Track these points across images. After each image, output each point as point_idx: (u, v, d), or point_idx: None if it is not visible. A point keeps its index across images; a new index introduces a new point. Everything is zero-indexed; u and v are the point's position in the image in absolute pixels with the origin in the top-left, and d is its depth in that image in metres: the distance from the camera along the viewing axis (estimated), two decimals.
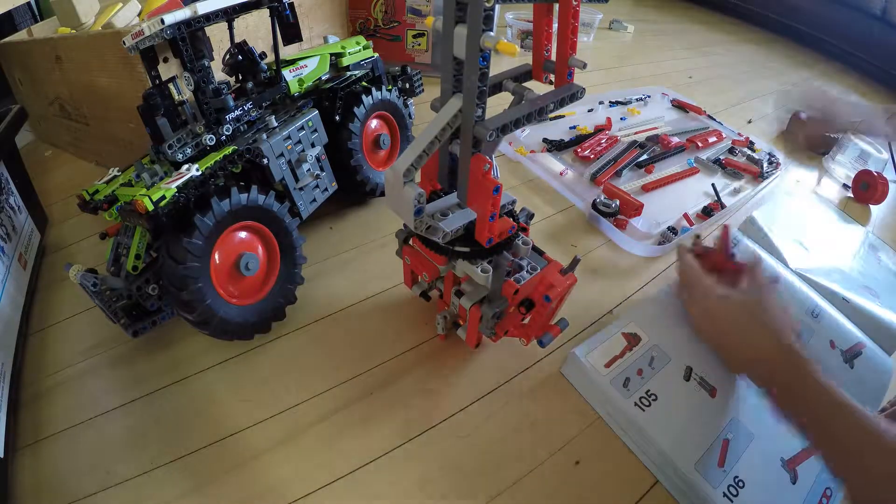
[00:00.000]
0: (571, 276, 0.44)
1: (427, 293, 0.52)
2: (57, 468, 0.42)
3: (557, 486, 0.43)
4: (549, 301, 0.42)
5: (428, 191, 0.42)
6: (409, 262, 0.48)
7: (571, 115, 0.94)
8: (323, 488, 0.41)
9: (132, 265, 0.46)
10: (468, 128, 0.36)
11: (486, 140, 0.35)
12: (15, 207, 0.58)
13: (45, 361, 0.50)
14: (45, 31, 0.79)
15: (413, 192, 0.36)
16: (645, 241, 0.67)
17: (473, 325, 0.45)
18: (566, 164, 0.81)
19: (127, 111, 0.62)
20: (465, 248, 0.40)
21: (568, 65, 0.38)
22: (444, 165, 0.42)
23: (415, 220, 0.38)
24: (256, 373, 0.49)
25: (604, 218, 0.70)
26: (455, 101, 0.35)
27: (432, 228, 0.39)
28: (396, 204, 0.38)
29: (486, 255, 0.41)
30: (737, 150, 0.91)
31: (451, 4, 0.32)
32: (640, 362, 0.48)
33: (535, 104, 0.38)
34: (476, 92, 0.34)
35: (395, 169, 0.36)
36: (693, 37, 1.59)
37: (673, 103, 1.05)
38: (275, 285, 0.51)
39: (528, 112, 0.37)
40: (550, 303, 0.42)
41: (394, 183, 0.37)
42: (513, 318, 0.45)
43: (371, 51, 0.69)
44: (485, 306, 0.43)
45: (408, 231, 0.47)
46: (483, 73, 0.33)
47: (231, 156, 0.48)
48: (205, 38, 0.48)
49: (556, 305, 0.45)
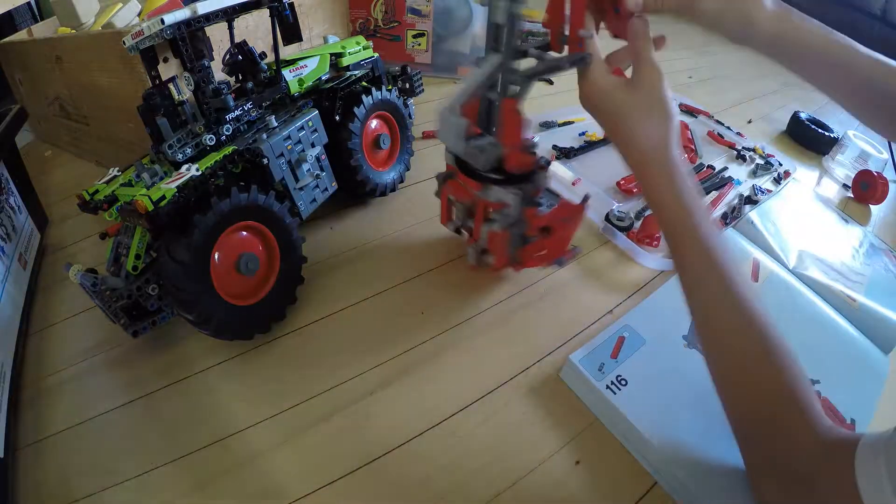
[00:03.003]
0: (581, 204, 0.52)
1: (460, 229, 0.59)
2: (57, 468, 0.42)
3: (557, 486, 0.43)
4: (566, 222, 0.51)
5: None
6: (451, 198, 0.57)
7: (581, 121, 0.93)
8: (323, 488, 0.41)
9: (132, 265, 0.46)
10: (504, 76, 0.46)
11: (518, 85, 0.46)
12: (15, 207, 0.58)
13: (45, 361, 0.50)
14: (45, 31, 0.79)
15: (462, 122, 0.46)
16: (658, 254, 0.65)
17: (502, 247, 0.53)
18: (577, 174, 0.78)
19: (127, 111, 0.62)
20: (498, 176, 0.49)
21: (578, 36, 0.46)
22: (483, 112, 0.51)
23: (462, 147, 0.47)
24: (256, 373, 0.49)
25: (618, 231, 0.67)
26: (493, 56, 0.46)
27: (475, 156, 0.48)
28: (447, 135, 0.48)
29: (515, 182, 0.49)
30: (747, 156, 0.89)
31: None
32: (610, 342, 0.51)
33: (553, 62, 0.46)
34: (511, 49, 0.44)
35: (448, 105, 0.47)
36: (693, 37, 1.59)
37: (681, 108, 1.04)
38: (275, 285, 0.51)
39: (547, 67, 0.46)
40: (566, 224, 0.51)
41: (446, 117, 0.47)
42: (534, 247, 0.53)
43: (371, 51, 0.69)
44: (512, 228, 0.51)
45: (446, 173, 0.56)
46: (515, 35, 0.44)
47: (231, 156, 0.48)
48: (205, 38, 0.48)
49: (570, 232, 0.54)
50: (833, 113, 1.24)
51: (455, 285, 0.59)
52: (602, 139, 0.88)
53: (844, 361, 0.55)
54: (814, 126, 1.03)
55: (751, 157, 0.89)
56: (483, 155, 0.47)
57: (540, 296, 0.59)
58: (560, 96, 1.05)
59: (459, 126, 0.46)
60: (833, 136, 1.01)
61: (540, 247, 0.53)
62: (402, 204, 0.70)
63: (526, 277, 0.61)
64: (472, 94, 0.47)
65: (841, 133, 1.01)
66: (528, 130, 0.48)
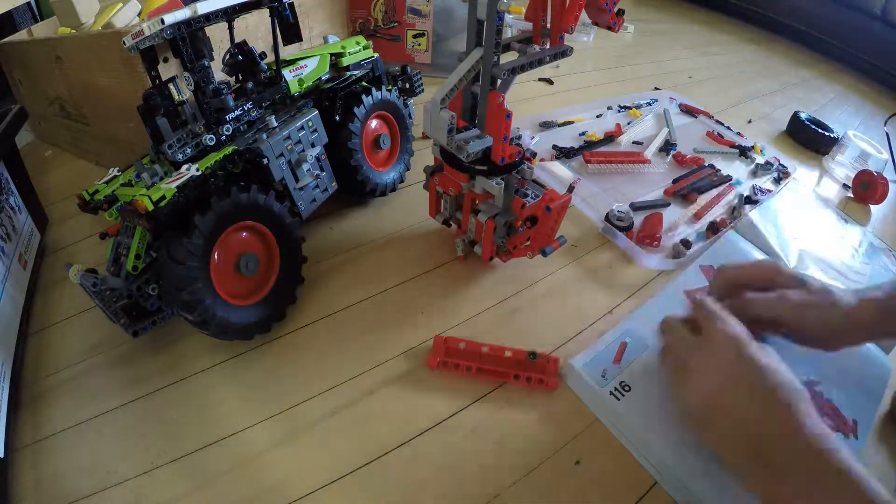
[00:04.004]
0: (567, 194, 0.53)
1: (448, 220, 0.61)
2: (57, 468, 0.42)
3: (557, 486, 0.43)
4: (550, 211, 0.51)
5: None
6: (439, 191, 0.59)
7: (581, 120, 0.93)
8: (323, 488, 0.41)
9: (132, 265, 0.46)
10: (487, 70, 0.48)
11: (501, 78, 0.48)
12: (15, 207, 0.58)
13: (45, 361, 0.50)
14: (45, 31, 0.79)
15: (447, 115, 0.47)
16: (659, 255, 0.65)
17: (488, 236, 0.54)
18: (577, 174, 0.79)
19: (127, 111, 0.62)
20: (484, 167, 0.51)
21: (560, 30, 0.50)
22: (467, 105, 0.53)
23: (447, 139, 0.48)
24: (256, 373, 0.49)
25: (618, 231, 0.67)
26: (476, 51, 0.47)
27: (460, 148, 0.49)
28: (433, 128, 0.49)
29: (500, 172, 0.51)
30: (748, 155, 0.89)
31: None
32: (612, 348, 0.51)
33: (535, 55, 0.49)
34: (493, 43, 0.46)
35: (433, 99, 0.48)
36: (693, 37, 1.59)
37: (681, 108, 1.04)
38: (275, 285, 0.51)
39: (531, 60, 0.49)
40: (551, 213, 0.52)
41: (432, 111, 0.48)
42: (520, 237, 0.54)
43: (371, 51, 0.68)
44: (498, 217, 0.52)
45: (434, 166, 0.57)
46: (498, 29, 0.45)
47: (231, 156, 0.48)
48: (205, 38, 0.48)
49: (556, 221, 0.55)
50: (833, 113, 1.24)
51: (455, 285, 0.59)
52: (602, 139, 0.88)
53: (845, 361, 0.55)
54: (814, 126, 1.03)
55: (751, 157, 0.89)
56: (468, 147, 0.48)
57: (540, 296, 0.59)
58: (560, 96, 1.05)
59: (444, 119, 0.47)
60: (833, 136, 1.01)
61: (525, 237, 0.54)
62: (402, 204, 0.70)
63: (526, 277, 0.61)
64: (456, 89, 0.48)
65: (841, 133, 1.01)
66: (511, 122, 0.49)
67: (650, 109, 1.00)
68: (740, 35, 1.70)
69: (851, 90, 1.42)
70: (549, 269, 0.62)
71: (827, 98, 1.33)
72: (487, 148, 0.50)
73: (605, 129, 0.92)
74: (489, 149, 0.50)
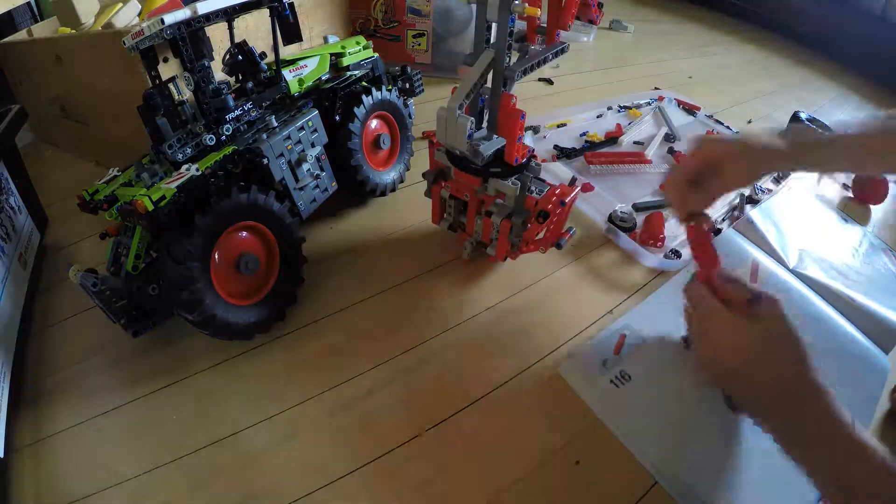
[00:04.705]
0: (574, 187, 0.54)
1: (453, 226, 0.61)
2: (57, 468, 0.42)
3: (557, 485, 0.43)
4: (565, 205, 0.52)
5: None
6: (444, 196, 0.59)
7: (569, 122, 0.93)
8: (323, 488, 0.41)
9: (132, 265, 0.46)
10: (499, 71, 0.48)
11: (514, 79, 0.48)
12: (15, 207, 0.58)
13: (45, 361, 0.50)
14: (45, 31, 0.79)
15: (466, 120, 0.47)
16: (660, 254, 0.65)
17: (504, 237, 0.54)
18: (579, 175, 0.78)
19: (127, 111, 0.62)
20: (497, 169, 0.51)
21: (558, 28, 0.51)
22: (476, 107, 0.53)
23: (466, 143, 0.48)
24: (256, 373, 0.49)
25: (620, 231, 0.67)
26: (487, 53, 0.47)
27: (476, 152, 0.49)
28: (450, 134, 0.49)
29: (515, 172, 0.51)
30: None
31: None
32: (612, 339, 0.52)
33: (538, 54, 0.50)
34: (506, 45, 0.46)
35: (448, 106, 0.47)
36: (693, 37, 1.59)
37: (680, 104, 1.04)
38: (275, 285, 0.51)
39: (537, 59, 0.50)
40: (565, 206, 0.53)
41: (447, 117, 0.48)
42: (531, 231, 0.54)
43: (371, 51, 0.69)
44: (514, 217, 0.53)
45: (436, 172, 0.57)
46: (511, 31, 0.45)
47: (231, 156, 0.48)
48: (205, 38, 0.48)
49: (565, 213, 0.56)
50: (833, 113, 1.24)
51: (455, 285, 0.59)
52: (603, 140, 0.88)
53: (845, 361, 0.55)
54: (814, 126, 1.03)
55: None
56: (483, 149, 0.48)
57: (541, 295, 0.59)
58: (560, 96, 1.05)
59: (464, 125, 0.47)
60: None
61: (535, 232, 0.55)
62: (402, 204, 0.70)
63: (526, 277, 0.61)
64: (471, 94, 0.48)
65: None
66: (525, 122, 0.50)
67: (650, 109, 1.00)
68: (740, 35, 1.70)
69: (851, 90, 1.42)
70: (549, 269, 0.62)
71: (827, 98, 1.32)
72: (499, 150, 0.50)
73: (605, 129, 0.92)
74: (499, 150, 0.50)
